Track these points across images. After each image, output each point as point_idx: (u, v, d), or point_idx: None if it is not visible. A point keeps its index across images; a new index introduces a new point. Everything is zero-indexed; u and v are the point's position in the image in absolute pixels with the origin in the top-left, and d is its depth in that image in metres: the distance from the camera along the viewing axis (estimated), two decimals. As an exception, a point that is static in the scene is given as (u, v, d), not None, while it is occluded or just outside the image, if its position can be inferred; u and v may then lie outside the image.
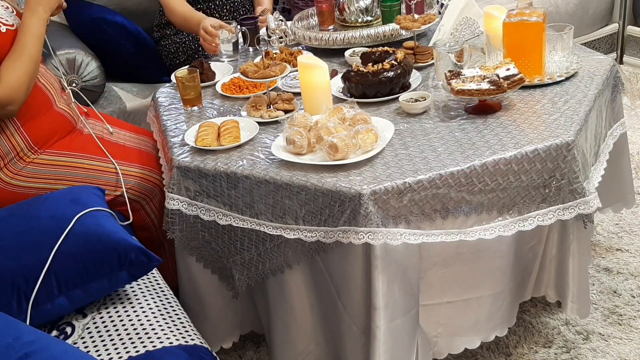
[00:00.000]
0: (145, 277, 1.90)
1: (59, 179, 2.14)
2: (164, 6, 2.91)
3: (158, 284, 1.90)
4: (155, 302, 1.79)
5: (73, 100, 2.30)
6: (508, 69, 1.99)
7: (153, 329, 1.68)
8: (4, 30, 2.04)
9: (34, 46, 2.05)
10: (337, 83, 2.24)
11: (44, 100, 2.17)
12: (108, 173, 2.20)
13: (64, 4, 2.20)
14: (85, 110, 2.38)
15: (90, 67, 2.87)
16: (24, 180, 2.11)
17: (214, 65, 2.51)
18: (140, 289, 1.84)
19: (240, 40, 2.66)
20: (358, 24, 2.66)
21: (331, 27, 2.69)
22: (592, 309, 2.27)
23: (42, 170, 2.13)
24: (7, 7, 2.14)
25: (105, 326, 1.71)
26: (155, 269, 1.96)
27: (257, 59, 2.42)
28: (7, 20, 2.08)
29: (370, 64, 2.17)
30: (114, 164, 2.20)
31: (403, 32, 2.46)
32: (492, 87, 1.92)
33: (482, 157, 1.76)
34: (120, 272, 1.75)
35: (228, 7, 3.07)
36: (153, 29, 3.18)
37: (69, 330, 1.72)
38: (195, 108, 2.27)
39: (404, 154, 1.83)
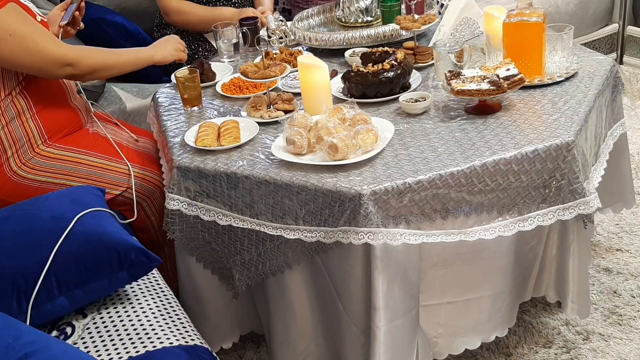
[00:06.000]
0: (145, 277, 1.89)
1: (62, 174, 2.16)
2: (171, 9, 2.94)
3: (158, 284, 1.90)
4: (155, 303, 1.79)
5: (86, 100, 2.36)
6: (508, 69, 1.98)
7: (153, 329, 1.68)
8: (39, 20, 2.12)
9: (126, 59, 2.27)
10: (337, 83, 2.23)
11: (61, 91, 2.22)
12: (110, 171, 2.21)
13: (184, 56, 2.43)
14: (101, 114, 2.42)
15: (91, 67, 2.87)
16: (29, 172, 2.13)
17: (214, 66, 2.51)
18: (140, 289, 1.84)
19: (241, 40, 2.66)
20: (358, 24, 2.66)
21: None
22: (592, 309, 2.27)
23: (47, 163, 2.15)
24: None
25: (105, 326, 1.71)
26: (156, 269, 1.96)
27: (257, 59, 2.42)
28: (40, 14, 2.19)
29: (370, 64, 2.17)
30: (114, 162, 2.22)
31: (403, 32, 2.46)
32: (492, 88, 1.92)
33: (482, 158, 1.76)
34: (121, 272, 1.75)
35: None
36: (153, 29, 3.17)
37: (69, 330, 1.72)
38: (195, 108, 2.26)
39: (404, 154, 1.83)
